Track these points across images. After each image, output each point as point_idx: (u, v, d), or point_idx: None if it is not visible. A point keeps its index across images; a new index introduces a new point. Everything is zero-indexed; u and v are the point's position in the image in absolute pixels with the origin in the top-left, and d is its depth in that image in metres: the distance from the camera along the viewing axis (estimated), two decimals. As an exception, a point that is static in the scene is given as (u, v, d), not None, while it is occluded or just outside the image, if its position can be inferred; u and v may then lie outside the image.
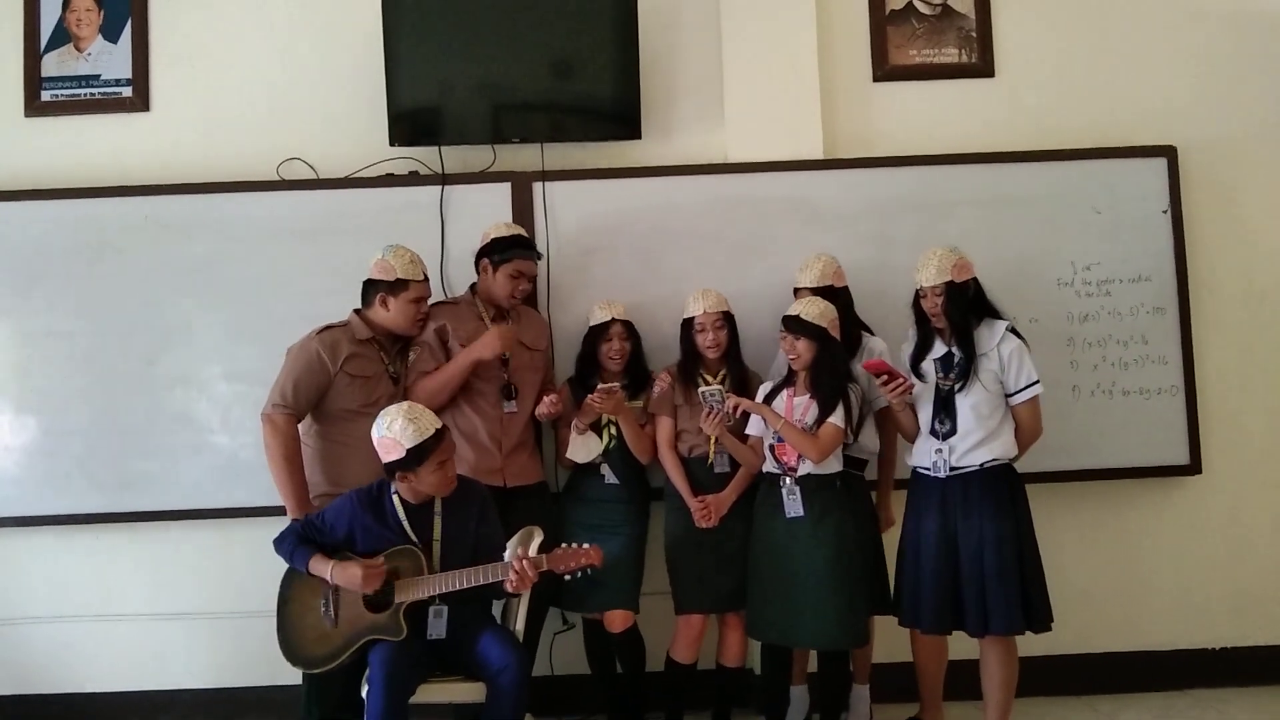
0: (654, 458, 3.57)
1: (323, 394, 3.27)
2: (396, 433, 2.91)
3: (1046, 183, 3.91)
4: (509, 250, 3.50)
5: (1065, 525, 3.90)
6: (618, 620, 3.49)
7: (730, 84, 3.95)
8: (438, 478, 2.98)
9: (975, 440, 3.19)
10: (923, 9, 4.08)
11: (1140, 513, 3.99)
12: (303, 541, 3.02)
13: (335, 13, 4.00)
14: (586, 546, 3.01)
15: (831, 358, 3.30)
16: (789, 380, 3.39)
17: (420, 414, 2.98)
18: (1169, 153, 3.94)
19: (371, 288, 3.39)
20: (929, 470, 3.26)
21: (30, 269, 3.85)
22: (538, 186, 3.88)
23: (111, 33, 4.02)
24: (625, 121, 3.89)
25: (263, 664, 3.67)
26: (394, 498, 3.04)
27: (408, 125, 3.86)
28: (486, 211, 3.76)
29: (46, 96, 4.00)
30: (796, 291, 3.51)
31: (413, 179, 3.89)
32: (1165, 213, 3.93)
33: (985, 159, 3.93)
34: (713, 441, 3.44)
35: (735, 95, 3.95)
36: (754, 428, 3.42)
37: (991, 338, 3.24)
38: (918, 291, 3.31)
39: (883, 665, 3.62)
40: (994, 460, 3.20)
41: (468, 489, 3.12)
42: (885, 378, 3.20)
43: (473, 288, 3.63)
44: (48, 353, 3.83)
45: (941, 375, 3.27)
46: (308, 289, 3.77)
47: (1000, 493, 3.19)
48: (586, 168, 3.92)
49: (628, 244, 3.88)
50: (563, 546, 3.02)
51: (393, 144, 3.86)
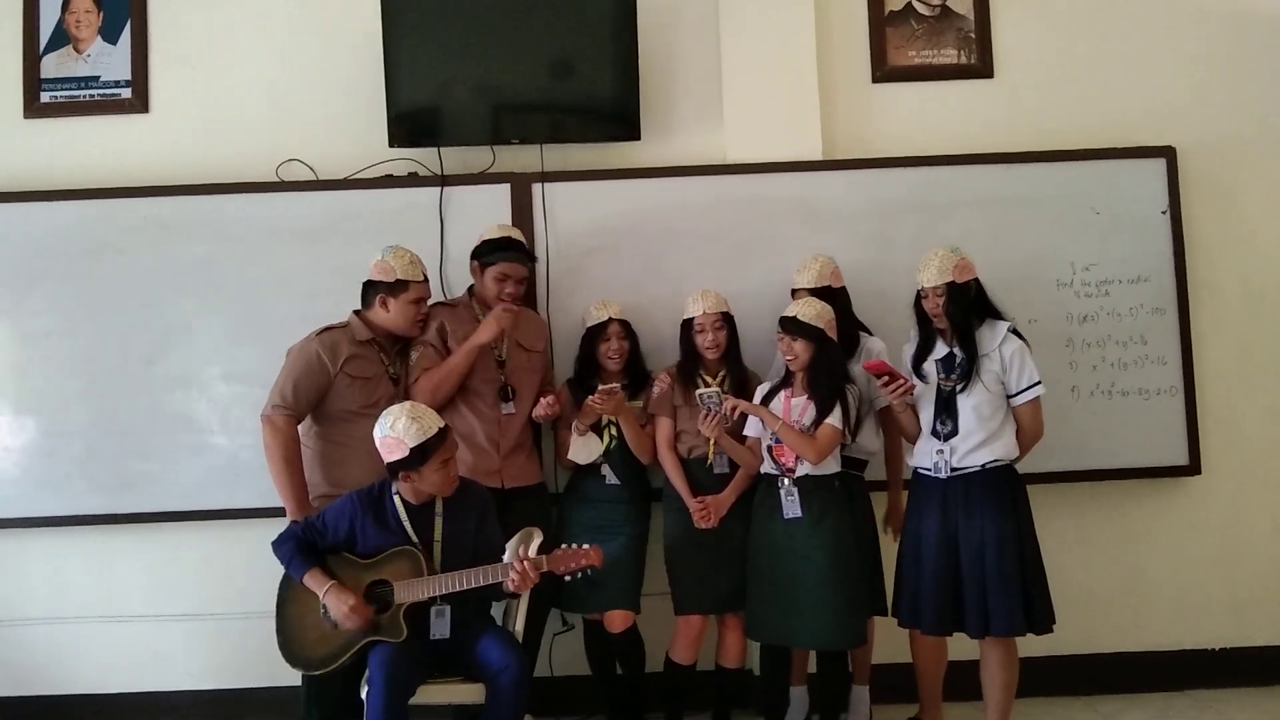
0: (655, 458, 3.57)
1: (323, 395, 3.27)
2: (400, 432, 2.91)
3: (1046, 183, 3.91)
4: (495, 253, 3.51)
5: (1064, 526, 3.91)
6: (618, 620, 3.49)
7: (729, 85, 3.96)
8: (441, 477, 2.98)
9: (977, 441, 3.19)
10: (922, 10, 4.08)
11: (1139, 513, 3.99)
12: (301, 547, 3.01)
13: (334, 14, 4.00)
14: (586, 547, 3.02)
15: (829, 358, 3.30)
16: (786, 381, 3.39)
17: (423, 413, 2.98)
18: (1168, 153, 3.94)
19: (371, 289, 3.39)
20: (930, 471, 3.26)
21: (30, 270, 3.85)
22: (537, 187, 3.88)
23: (111, 34, 4.02)
24: (625, 122, 3.89)
25: (263, 665, 3.66)
26: (395, 498, 3.04)
27: (407, 126, 3.85)
28: (486, 212, 3.76)
29: (46, 98, 4.00)
30: (794, 292, 3.52)
31: (412, 180, 3.89)
32: (1164, 213, 3.93)
33: (984, 160, 3.93)
34: (711, 443, 3.45)
35: (734, 96, 3.95)
36: (752, 429, 3.42)
37: (993, 338, 3.24)
38: (919, 292, 3.31)
39: (882, 666, 3.62)
40: (995, 461, 3.20)
41: (468, 490, 3.12)
42: (886, 378, 3.20)
43: (470, 289, 3.64)
44: (47, 353, 3.83)
45: (943, 376, 3.27)
46: (307, 290, 3.77)
47: (1002, 493, 3.19)
48: (586, 169, 3.92)
49: (627, 245, 3.88)
50: (563, 547, 3.03)
51: (392, 145, 3.86)
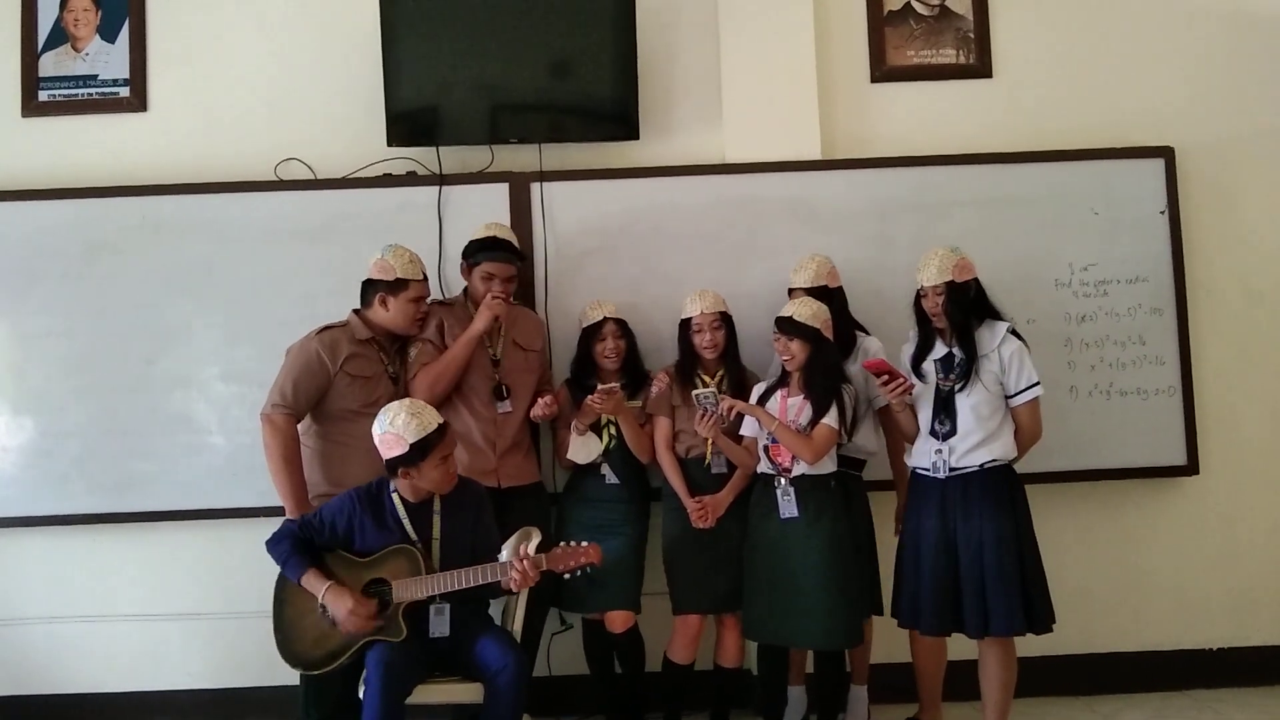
0: (654, 457, 3.57)
1: (322, 394, 3.26)
2: (400, 428, 2.90)
3: (1044, 183, 3.91)
4: (480, 252, 3.51)
5: (1063, 526, 3.90)
6: (619, 621, 3.49)
7: (728, 85, 3.96)
8: (440, 473, 2.98)
9: (975, 441, 3.19)
10: (920, 10, 4.08)
11: (1138, 513, 3.99)
12: (298, 546, 3.00)
13: (333, 13, 4.00)
14: (585, 545, 3.01)
15: (825, 358, 3.30)
16: (783, 381, 3.39)
17: (422, 409, 2.97)
18: (1166, 153, 3.94)
19: (371, 287, 3.39)
20: (928, 471, 3.26)
21: (27, 269, 3.84)
22: (535, 187, 3.88)
23: (109, 33, 4.02)
24: (623, 122, 3.89)
25: (260, 664, 3.66)
26: (393, 496, 3.03)
27: (406, 125, 3.85)
28: (484, 212, 3.76)
29: (44, 96, 4.00)
30: (791, 292, 3.52)
31: (411, 179, 3.89)
32: (1163, 213, 3.93)
33: (983, 160, 3.93)
34: (709, 443, 3.45)
35: (733, 96, 3.95)
36: (748, 429, 3.42)
37: (992, 339, 3.24)
38: (919, 291, 3.31)
39: (881, 666, 3.62)
40: (994, 461, 3.20)
41: (466, 488, 3.12)
42: (885, 377, 3.20)
43: (466, 290, 3.63)
44: (45, 353, 3.83)
45: (942, 376, 3.27)
46: (306, 289, 3.77)
47: (1000, 493, 3.19)
48: (584, 168, 3.92)
49: (626, 245, 3.88)
50: (562, 545, 3.02)
51: (391, 144, 3.86)
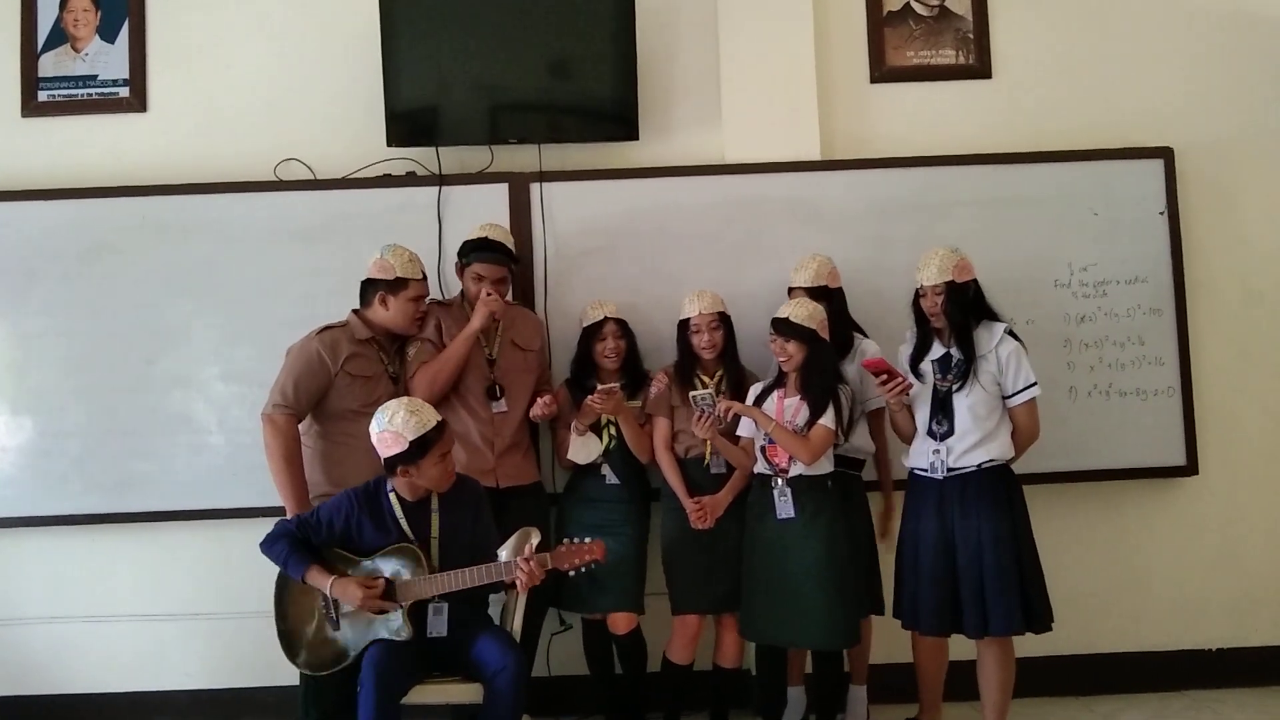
0: (654, 458, 3.57)
1: (323, 394, 3.26)
2: (399, 425, 2.90)
3: (1043, 184, 3.91)
4: (471, 253, 3.51)
5: (1062, 526, 3.90)
6: (622, 622, 3.49)
7: (728, 85, 3.96)
8: (439, 470, 2.97)
9: (972, 441, 3.19)
10: (920, 10, 4.08)
11: (1137, 514, 3.99)
12: (296, 545, 2.99)
13: (333, 13, 4.00)
14: (589, 541, 3.01)
15: (821, 359, 3.30)
16: (779, 381, 3.39)
17: (420, 407, 2.97)
18: (1166, 154, 3.95)
19: (370, 287, 3.39)
20: (926, 471, 3.26)
21: (27, 270, 3.84)
22: (535, 187, 3.88)
23: (109, 33, 4.02)
24: (623, 122, 3.89)
25: (260, 665, 3.68)
26: (391, 495, 3.03)
27: (405, 126, 3.85)
28: (484, 212, 3.76)
29: (43, 97, 4.00)
30: (791, 291, 3.52)
31: (410, 179, 3.89)
32: (1162, 214, 3.93)
33: (982, 160, 3.93)
34: (708, 443, 3.45)
35: (733, 96, 3.95)
36: (745, 429, 3.42)
37: (990, 339, 3.24)
38: (917, 291, 3.31)
39: (881, 666, 3.62)
40: (991, 461, 3.20)
41: (464, 486, 3.11)
42: (885, 377, 3.20)
43: (463, 291, 3.63)
44: (45, 353, 3.83)
45: (939, 376, 3.27)
46: (305, 289, 3.77)
47: (998, 493, 3.19)
48: (584, 168, 3.92)
49: (625, 245, 3.88)
50: (566, 542, 3.02)
51: (390, 144, 3.86)
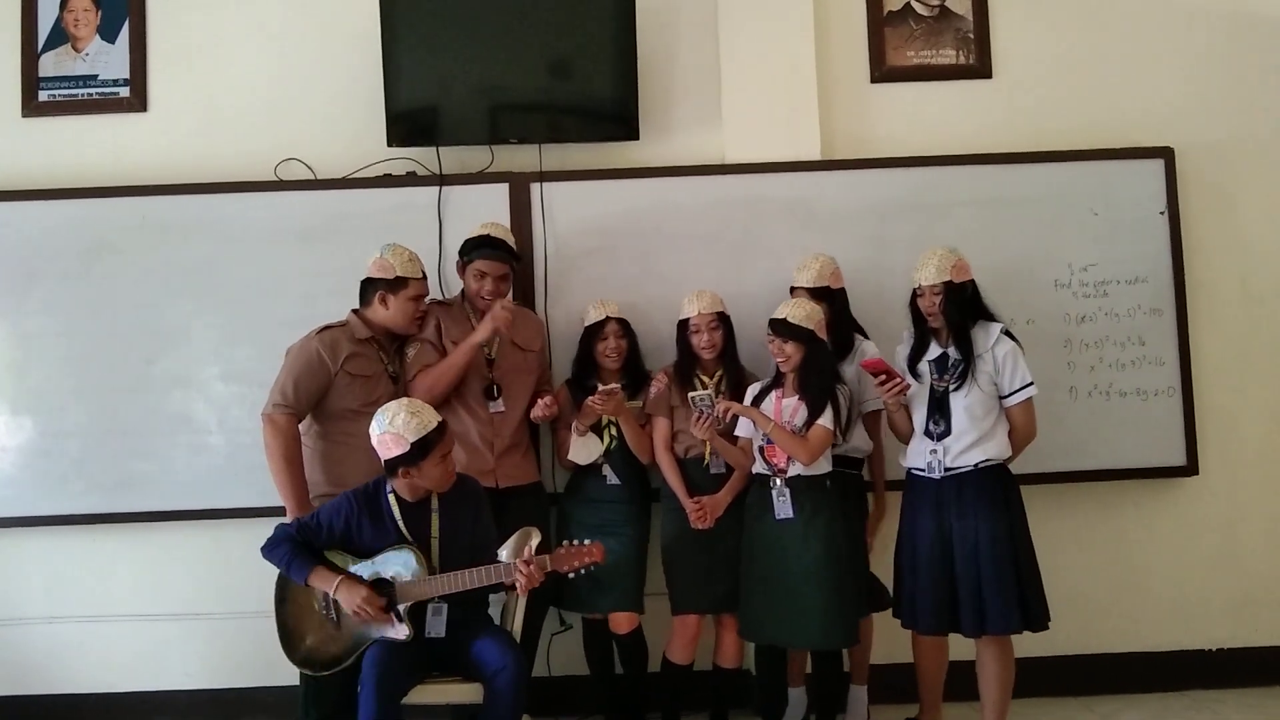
0: (655, 458, 3.56)
1: (323, 394, 3.26)
2: (399, 427, 2.90)
3: (1044, 184, 3.91)
4: (472, 250, 3.51)
5: (1062, 526, 3.91)
6: (623, 622, 3.49)
7: (728, 85, 3.95)
8: (440, 471, 2.98)
9: (969, 441, 3.20)
10: (920, 10, 4.08)
11: (1137, 514, 3.99)
12: (298, 548, 2.99)
13: (333, 13, 4.00)
14: (589, 543, 3.00)
15: (819, 359, 3.30)
16: (777, 382, 3.39)
17: (421, 408, 2.97)
18: (1166, 154, 3.94)
19: (370, 286, 3.39)
20: (923, 471, 3.26)
21: (27, 269, 3.84)
22: (535, 187, 3.88)
23: (109, 33, 4.02)
24: (623, 122, 3.89)
25: (259, 665, 3.68)
26: (390, 496, 3.03)
27: (405, 126, 3.85)
28: (484, 212, 3.75)
29: (44, 97, 4.00)
30: (793, 291, 3.52)
31: (410, 179, 3.89)
32: (1162, 214, 3.93)
33: (982, 160, 3.93)
34: (707, 444, 3.45)
35: (733, 96, 3.95)
36: (743, 429, 3.42)
37: (986, 339, 3.24)
38: (915, 290, 3.32)
39: (881, 666, 3.62)
40: (988, 461, 3.20)
41: (464, 486, 3.11)
42: (883, 377, 3.20)
43: (463, 291, 3.63)
44: (45, 353, 3.83)
45: (936, 376, 3.27)
46: (306, 289, 3.77)
47: (995, 493, 3.20)
48: (584, 168, 3.92)
49: (625, 245, 3.88)
50: (565, 544, 3.02)
51: (390, 144, 3.86)
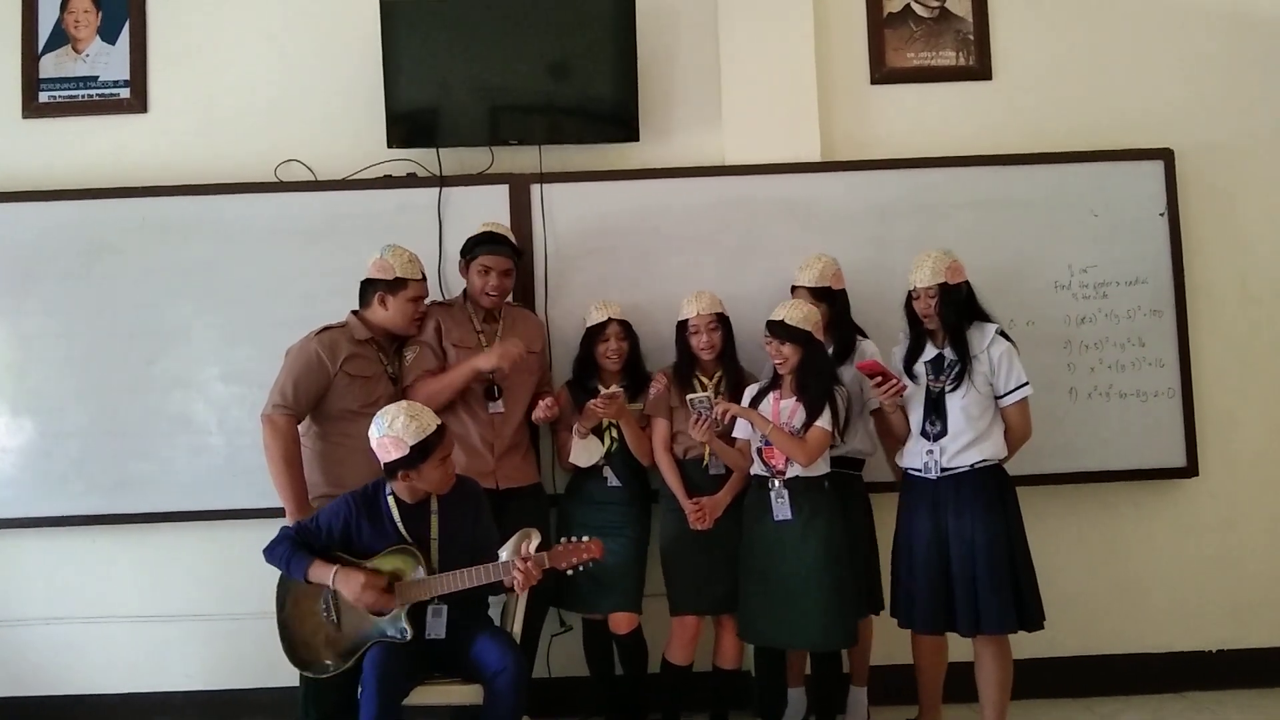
0: (655, 459, 3.57)
1: (322, 395, 3.26)
2: (399, 430, 2.90)
3: (1044, 185, 3.91)
4: (476, 247, 3.51)
5: (1062, 527, 3.91)
6: (623, 623, 3.49)
7: (728, 86, 3.96)
8: (440, 474, 2.98)
9: (966, 441, 3.21)
10: (920, 12, 4.08)
11: (1137, 515, 3.99)
12: (298, 547, 2.99)
13: (333, 15, 4.00)
14: (586, 540, 3.01)
15: (817, 361, 3.30)
16: (775, 383, 3.39)
17: (420, 411, 2.97)
18: (1166, 156, 3.95)
19: (370, 287, 3.40)
20: (920, 471, 3.27)
21: (28, 270, 3.84)
22: (535, 188, 3.88)
23: (109, 34, 4.02)
24: (623, 124, 3.89)
25: (260, 666, 3.69)
26: (389, 498, 3.03)
27: (406, 127, 3.86)
28: (484, 213, 3.75)
29: (44, 98, 4.00)
30: (794, 290, 3.52)
31: (410, 181, 3.90)
32: (1162, 215, 3.93)
33: (982, 161, 3.93)
34: (706, 445, 3.45)
35: (733, 97, 3.95)
36: (741, 430, 3.42)
37: (982, 340, 3.25)
38: (910, 293, 3.33)
39: (881, 667, 3.62)
40: (984, 461, 3.21)
41: (463, 487, 3.11)
42: (879, 379, 3.21)
43: (465, 291, 3.63)
44: (45, 354, 3.83)
45: (932, 377, 3.28)
46: (306, 290, 3.77)
47: (991, 493, 3.21)
48: (584, 170, 3.93)
49: (625, 246, 3.88)
50: (563, 541, 3.02)
51: (391, 146, 3.86)
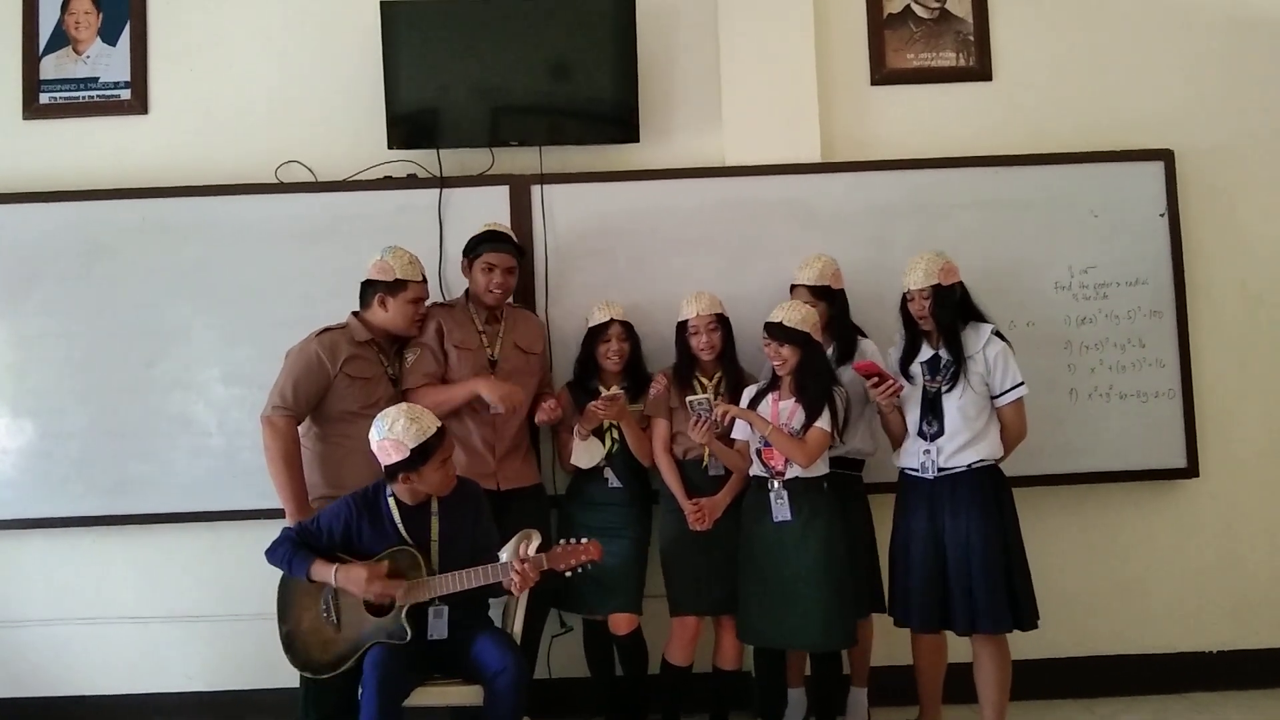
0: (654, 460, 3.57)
1: (322, 396, 3.26)
2: (399, 433, 2.90)
3: (1044, 186, 3.92)
4: (479, 245, 3.52)
5: (1062, 528, 3.91)
6: (623, 623, 3.49)
7: (728, 87, 3.96)
8: (440, 476, 2.98)
9: (962, 441, 3.21)
10: (920, 12, 4.08)
11: (1137, 516, 3.99)
12: (298, 547, 3.00)
13: (334, 16, 4.00)
14: (585, 541, 3.01)
15: (815, 362, 3.30)
16: (774, 384, 3.39)
17: (420, 413, 2.98)
18: (1166, 156, 3.95)
19: (370, 288, 3.40)
20: (917, 471, 3.28)
21: (28, 271, 3.84)
22: (536, 189, 3.89)
23: (110, 35, 4.02)
24: (623, 124, 3.89)
25: (259, 667, 3.69)
26: (389, 500, 3.03)
27: (406, 128, 3.86)
28: (485, 214, 3.75)
29: (45, 99, 4.00)
30: (793, 289, 3.53)
31: (411, 182, 3.90)
32: (1162, 216, 3.93)
33: (982, 162, 3.93)
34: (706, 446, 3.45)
35: (733, 98, 3.95)
36: (740, 431, 3.41)
37: (977, 340, 3.26)
38: (905, 295, 3.34)
39: (881, 668, 3.62)
40: (981, 461, 3.22)
41: (463, 488, 3.12)
42: (875, 379, 3.21)
43: (467, 292, 3.63)
44: (45, 355, 3.83)
45: (928, 378, 3.29)
46: (306, 291, 3.78)
47: (987, 493, 3.21)
48: (584, 171, 3.93)
49: (625, 247, 3.88)
50: (562, 543, 3.02)
51: (391, 147, 3.86)
